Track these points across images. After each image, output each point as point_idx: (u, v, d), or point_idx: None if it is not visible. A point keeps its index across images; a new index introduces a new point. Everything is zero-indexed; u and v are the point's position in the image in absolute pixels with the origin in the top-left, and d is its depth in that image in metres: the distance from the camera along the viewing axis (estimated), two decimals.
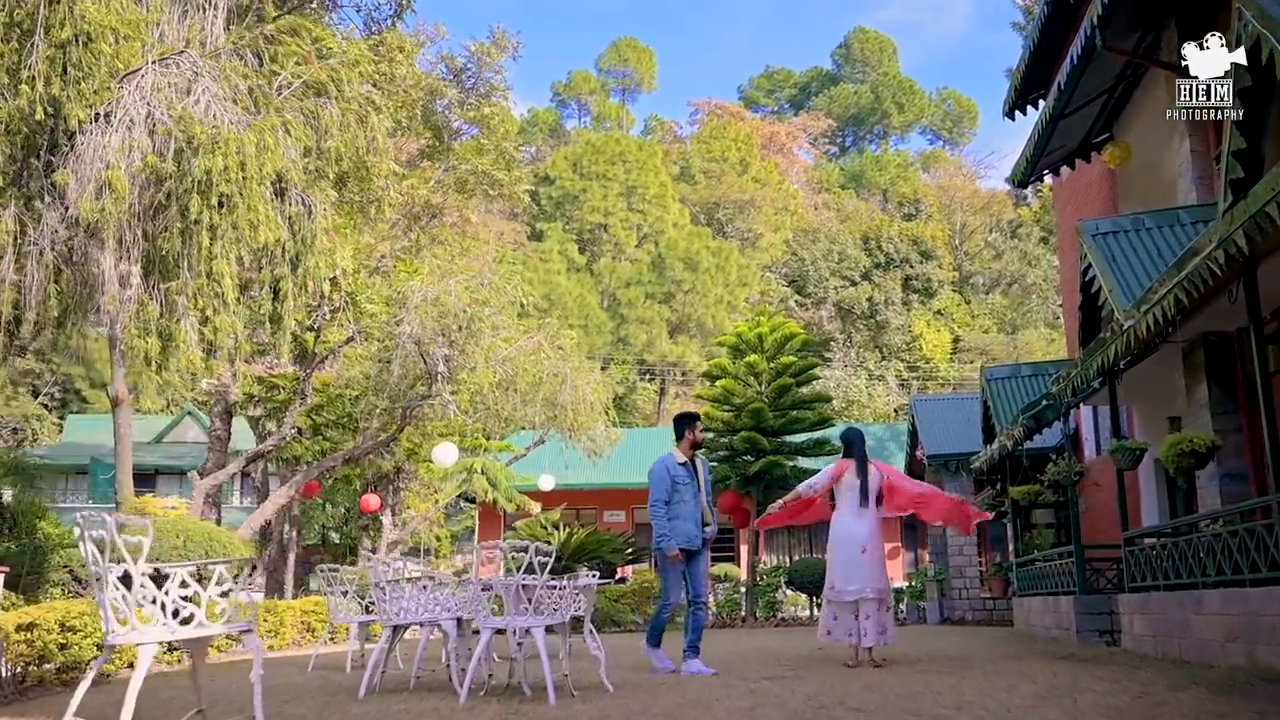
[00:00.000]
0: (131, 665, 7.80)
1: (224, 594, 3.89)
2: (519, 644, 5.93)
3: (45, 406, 41.90)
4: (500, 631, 5.74)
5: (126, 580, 3.74)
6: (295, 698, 5.83)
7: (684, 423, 7.47)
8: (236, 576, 4.16)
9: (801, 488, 7.81)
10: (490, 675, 6.09)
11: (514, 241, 47.85)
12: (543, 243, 50.45)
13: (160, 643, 3.64)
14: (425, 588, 6.30)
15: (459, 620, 6.16)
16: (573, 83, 71.26)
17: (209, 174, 6.91)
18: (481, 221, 29.70)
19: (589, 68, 73.11)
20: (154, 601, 3.76)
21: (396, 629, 6.26)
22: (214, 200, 6.97)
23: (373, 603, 7.24)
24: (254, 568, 25.98)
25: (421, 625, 6.40)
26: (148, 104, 7.66)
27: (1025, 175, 13.61)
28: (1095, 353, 8.07)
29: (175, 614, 3.89)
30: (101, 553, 3.54)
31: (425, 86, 17.84)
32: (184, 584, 3.79)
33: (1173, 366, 9.14)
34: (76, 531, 3.60)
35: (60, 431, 39.27)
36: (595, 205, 51.14)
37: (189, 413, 34.71)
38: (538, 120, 67.63)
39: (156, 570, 3.91)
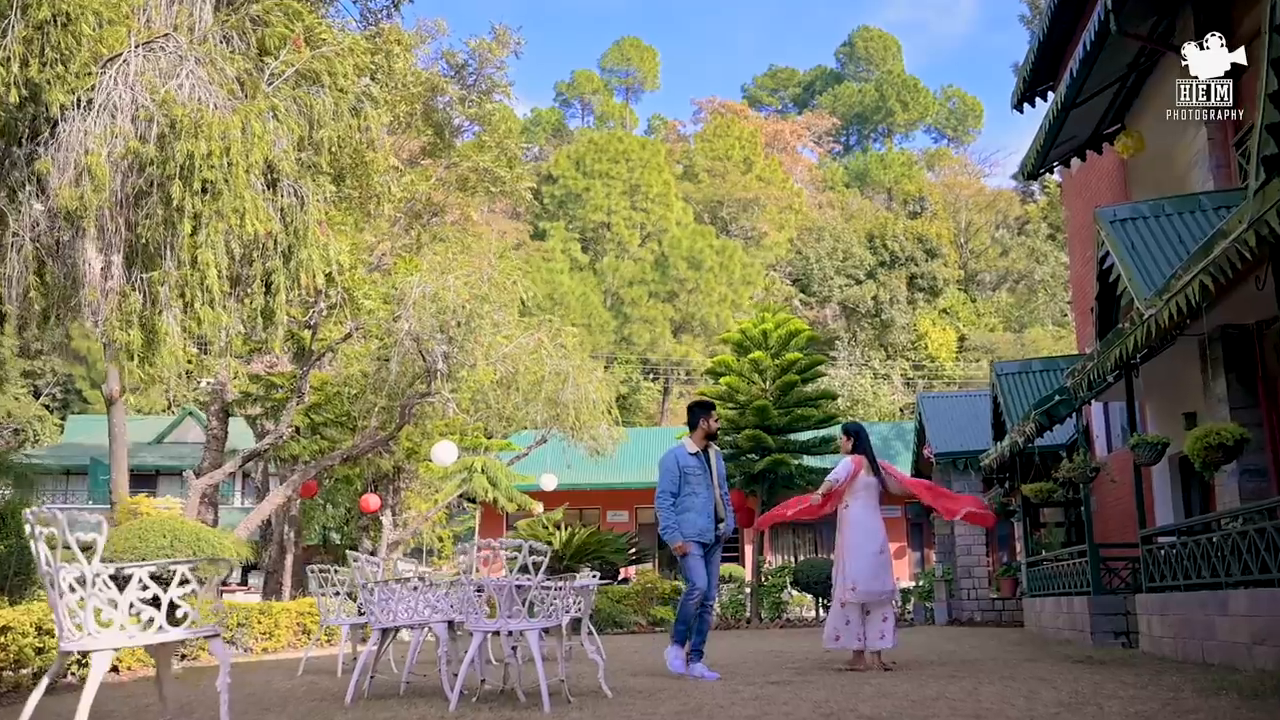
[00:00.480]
0: (115, 669, 7.55)
1: (186, 596, 3.63)
2: (513, 648, 5.66)
3: (46, 408, 41.74)
4: (496, 634, 5.49)
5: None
6: (278, 704, 5.57)
7: (699, 411, 7.08)
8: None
9: (831, 479, 7.40)
10: (483, 680, 5.82)
11: (517, 240, 47.61)
12: (546, 241, 50.23)
13: (116, 649, 3.38)
14: (416, 589, 6.03)
15: (450, 623, 5.89)
16: (576, 82, 71.03)
17: (191, 158, 6.66)
18: (484, 220, 29.46)
19: (592, 67, 72.95)
20: (112, 605, 3.49)
21: (386, 632, 6.00)
22: (197, 186, 6.72)
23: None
24: (250, 568, 25.48)
25: (412, 628, 6.13)
26: (131, 90, 7.42)
27: (1036, 166, 13.34)
28: (1114, 344, 7.79)
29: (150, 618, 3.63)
30: (53, 552, 3.28)
31: (426, 82, 17.61)
32: (144, 586, 3.53)
33: (1189, 361, 8.86)
34: (27, 529, 3.35)
35: (61, 432, 39.15)
36: (598, 204, 50.90)
37: (190, 413, 34.55)
38: (541, 120, 67.39)
39: (118, 571, 3.64)
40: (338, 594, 8.23)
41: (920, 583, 19.02)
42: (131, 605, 3.43)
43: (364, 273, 15.34)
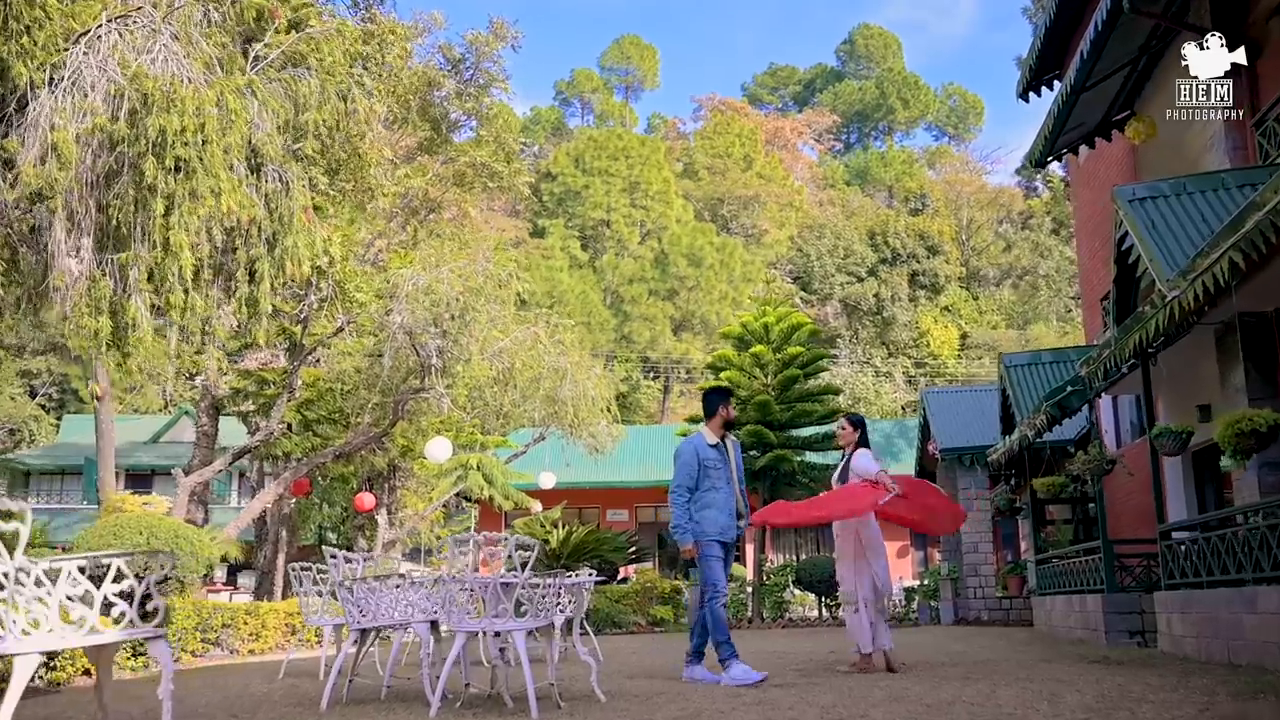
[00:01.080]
0: (88, 672, 7.22)
1: (123, 594, 3.29)
2: (501, 649, 5.33)
3: (43, 407, 41.39)
4: (484, 634, 5.16)
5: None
6: (250, 708, 5.24)
7: (716, 398, 6.50)
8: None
9: (878, 471, 6.67)
10: (468, 684, 5.49)
11: (516, 238, 47.26)
12: (545, 239, 49.90)
13: (41, 652, 3.04)
14: (397, 587, 5.70)
15: (434, 623, 5.56)
16: (575, 81, 70.66)
17: (163, 134, 6.31)
18: (483, 218, 29.13)
19: (592, 66, 72.58)
20: (41, 603, 3.14)
21: (365, 633, 5.66)
22: (169, 164, 6.37)
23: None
24: (241, 567, 25.09)
25: (394, 629, 5.80)
26: (103, 66, 7.09)
27: (1043, 154, 13.03)
28: (1133, 329, 7.45)
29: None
30: None
31: (422, 76, 17.28)
32: (74, 582, 3.18)
33: (1203, 351, 8.54)
34: None
35: (57, 432, 38.86)
36: (598, 201, 50.56)
37: (186, 412, 34.24)
38: (540, 119, 67.03)
39: (50, 566, 3.30)
40: (320, 594, 7.89)
41: (926, 582, 18.68)
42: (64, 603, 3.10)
43: (356, 265, 15.00)
